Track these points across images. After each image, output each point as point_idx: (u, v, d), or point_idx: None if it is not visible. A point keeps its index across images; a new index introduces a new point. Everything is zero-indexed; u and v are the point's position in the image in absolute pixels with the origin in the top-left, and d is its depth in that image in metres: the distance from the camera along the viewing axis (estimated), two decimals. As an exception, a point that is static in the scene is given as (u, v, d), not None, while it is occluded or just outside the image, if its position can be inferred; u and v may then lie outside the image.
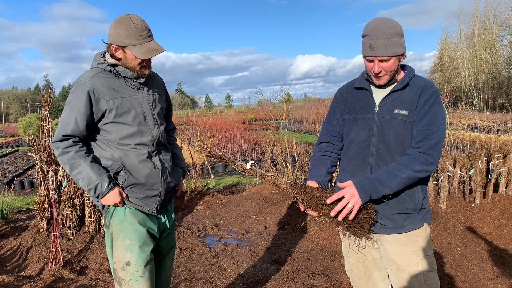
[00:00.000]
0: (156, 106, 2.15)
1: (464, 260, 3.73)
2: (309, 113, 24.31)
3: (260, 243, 4.43)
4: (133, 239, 2.05)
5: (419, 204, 1.89)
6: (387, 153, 1.86)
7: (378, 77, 1.84)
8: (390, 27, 1.76)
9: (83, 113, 1.96)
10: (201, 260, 3.96)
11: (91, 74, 2.00)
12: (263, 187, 6.52)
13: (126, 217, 2.07)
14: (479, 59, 40.54)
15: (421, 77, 1.93)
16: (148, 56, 1.96)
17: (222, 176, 9.51)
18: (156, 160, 2.12)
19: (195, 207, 6.09)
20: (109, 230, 2.10)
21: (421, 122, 1.81)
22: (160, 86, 2.25)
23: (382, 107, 1.89)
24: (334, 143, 2.09)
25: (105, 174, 1.98)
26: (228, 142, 12.92)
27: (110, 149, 2.05)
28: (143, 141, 2.06)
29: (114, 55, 2.01)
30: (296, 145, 9.76)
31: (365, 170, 1.91)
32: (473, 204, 4.58)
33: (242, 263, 3.86)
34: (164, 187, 2.14)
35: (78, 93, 1.97)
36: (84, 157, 1.97)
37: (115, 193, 2.00)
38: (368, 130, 1.90)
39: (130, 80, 2.07)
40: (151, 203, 2.12)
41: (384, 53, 1.75)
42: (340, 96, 2.09)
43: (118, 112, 2.00)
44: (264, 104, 8.77)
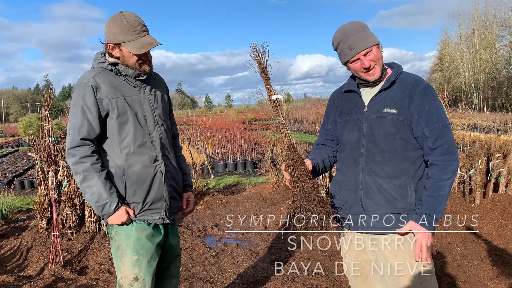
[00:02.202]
0: (158, 107, 2.10)
1: (464, 260, 3.73)
2: (309, 113, 24.33)
3: (260, 243, 4.43)
4: (141, 255, 2.02)
5: (412, 203, 1.84)
6: (377, 152, 1.86)
7: (370, 71, 1.84)
8: (355, 25, 1.82)
9: (94, 113, 1.93)
10: (201, 260, 3.96)
11: (93, 74, 1.97)
12: (263, 187, 6.52)
13: (133, 232, 2.02)
14: (479, 59, 40.52)
15: (408, 73, 1.93)
16: (142, 51, 1.92)
17: (222, 176, 9.51)
18: (160, 164, 2.06)
19: (195, 207, 6.09)
20: (115, 243, 2.05)
21: (430, 120, 1.79)
22: (161, 86, 2.21)
23: (372, 107, 1.89)
24: (330, 145, 2.11)
25: (115, 194, 1.94)
26: (228, 142, 12.91)
27: (113, 153, 2.00)
28: (145, 144, 2.02)
29: (112, 54, 1.98)
30: (296, 144, 9.76)
31: (355, 170, 1.92)
32: (473, 204, 4.58)
33: (242, 263, 3.86)
34: (167, 191, 2.09)
35: (84, 93, 1.93)
36: (98, 172, 1.92)
37: (122, 211, 1.96)
38: (358, 130, 1.91)
39: (132, 79, 2.03)
40: (159, 210, 2.07)
41: (365, 45, 1.79)
42: (332, 101, 2.12)
43: (119, 112, 1.96)
44: (264, 104, 8.78)
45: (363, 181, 1.90)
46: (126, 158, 1.98)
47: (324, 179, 5.15)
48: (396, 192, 1.84)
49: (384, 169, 1.85)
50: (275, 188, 6.21)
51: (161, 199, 2.07)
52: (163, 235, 2.14)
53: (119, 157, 1.98)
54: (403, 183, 1.84)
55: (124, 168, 1.98)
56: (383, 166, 1.85)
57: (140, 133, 2.00)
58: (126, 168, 1.98)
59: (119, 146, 1.98)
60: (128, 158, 1.98)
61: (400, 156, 1.84)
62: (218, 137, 13.59)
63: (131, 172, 1.98)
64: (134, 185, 1.99)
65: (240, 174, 9.76)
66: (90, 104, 1.92)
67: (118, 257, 2.05)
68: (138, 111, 2.01)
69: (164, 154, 2.09)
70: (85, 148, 1.92)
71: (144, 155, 2.01)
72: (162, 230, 2.14)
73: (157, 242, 2.09)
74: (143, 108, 2.03)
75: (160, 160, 2.06)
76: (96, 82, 1.94)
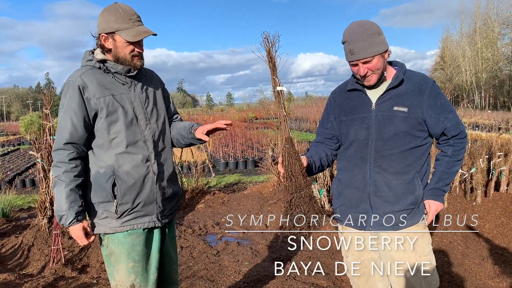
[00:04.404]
0: (149, 105, 2.03)
1: (465, 259, 3.73)
2: (310, 111, 24.29)
3: (261, 242, 4.44)
4: (137, 261, 1.96)
5: (420, 197, 1.92)
6: (387, 149, 1.88)
7: (366, 78, 1.86)
8: (365, 29, 1.79)
9: (79, 114, 1.87)
10: (202, 259, 3.96)
11: (80, 73, 1.91)
12: (264, 185, 6.52)
13: (126, 239, 1.96)
14: (481, 57, 40.41)
15: (413, 72, 1.96)
16: (138, 38, 1.88)
17: (223, 175, 9.51)
18: (153, 164, 1.99)
19: (196, 205, 6.09)
20: (106, 250, 1.99)
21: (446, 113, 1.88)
22: (154, 82, 2.13)
23: (380, 105, 1.90)
24: (329, 144, 2.10)
25: (76, 208, 1.86)
26: (229, 140, 12.90)
27: (103, 152, 1.93)
28: (136, 143, 1.95)
29: (104, 45, 1.92)
30: (297, 143, 9.75)
31: (364, 168, 1.93)
32: (474, 202, 4.57)
33: (243, 262, 3.86)
34: (159, 193, 2.01)
35: (70, 94, 1.88)
36: (68, 180, 1.86)
37: (77, 228, 1.88)
38: (367, 129, 1.91)
39: (121, 76, 1.97)
40: (150, 213, 1.99)
41: (365, 55, 1.78)
42: (333, 99, 2.11)
43: (109, 111, 1.90)
44: (265, 102, 8.76)
45: (372, 178, 1.91)
46: (117, 157, 1.92)
47: (325, 177, 5.14)
48: (405, 187, 1.89)
49: (393, 165, 1.88)
50: (276, 187, 6.21)
51: (153, 201, 1.99)
52: (160, 239, 2.07)
53: (109, 157, 1.93)
54: (411, 178, 1.89)
55: (114, 168, 1.92)
56: (392, 163, 1.88)
57: (131, 132, 1.94)
58: (116, 167, 1.92)
59: (110, 146, 1.93)
60: (118, 157, 1.92)
61: (408, 153, 1.88)
62: (219, 135, 13.59)
63: (122, 172, 1.92)
64: (124, 185, 1.92)
65: (241, 173, 9.76)
66: (75, 105, 1.87)
67: (111, 264, 1.99)
68: (128, 110, 1.95)
69: (157, 154, 2.03)
70: (65, 153, 1.87)
71: (135, 155, 1.95)
72: (158, 234, 2.06)
73: (154, 247, 2.03)
74: (133, 106, 1.97)
75: (153, 160, 1.99)
76: (83, 81, 1.89)
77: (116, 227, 1.96)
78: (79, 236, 1.90)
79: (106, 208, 1.95)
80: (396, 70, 1.93)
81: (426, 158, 1.95)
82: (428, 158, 1.96)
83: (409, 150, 1.88)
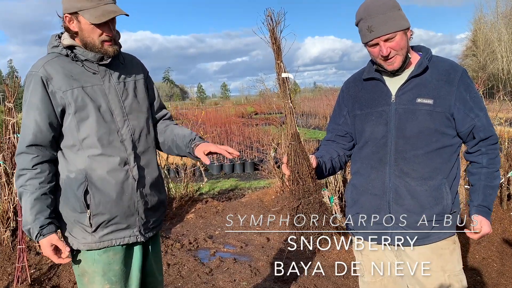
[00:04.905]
0: (128, 97, 1.98)
1: (501, 278, 3.73)
2: (319, 105, 24.30)
3: (261, 258, 4.44)
4: (114, 282, 1.95)
5: (448, 207, 1.87)
6: (410, 149, 1.86)
7: (389, 60, 1.84)
8: (383, 2, 1.79)
9: (42, 111, 1.84)
10: (193, 278, 3.97)
11: (44, 62, 1.88)
12: (265, 192, 6.53)
13: (102, 257, 1.93)
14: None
15: (440, 58, 1.95)
16: (103, 19, 1.80)
17: (217, 180, 9.53)
18: (133, 168, 1.95)
19: (185, 215, 6.10)
20: (78, 269, 1.98)
21: (477, 110, 1.86)
22: (135, 71, 2.08)
23: (400, 96, 1.89)
24: (341, 143, 2.09)
25: (41, 219, 1.83)
26: (224, 139, 12.92)
27: (73, 155, 1.91)
28: (111, 143, 1.92)
29: (69, 28, 1.88)
30: (305, 142, 9.77)
31: (382, 172, 1.91)
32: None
33: (240, 281, 3.87)
34: (141, 202, 1.97)
35: (32, 88, 1.85)
36: (33, 189, 1.83)
37: (45, 243, 1.84)
38: (385, 125, 1.90)
39: (93, 65, 1.92)
40: (130, 226, 1.96)
41: (387, 30, 1.77)
42: (347, 90, 2.10)
43: (77, 106, 1.86)
44: (267, 94, 8.72)
45: (393, 184, 1.90)
46: (89, 160, 1.89)
47: (338, 182, 5.15)
48: (430, 195, 1.86)
49: (417, 169, 1.86)
50: (280, 194, 6.22)
51: (134, 212, 1.96)
52: (141, 256, 2.05)
53: (81, 160, 1.89)
54: (438, 185, 1.86)
55: (86, 172, 1.88)
56: (416, 165, 1.86)
57: (105, 131, 1.90)
58: (89, 172, 1.88)
59: (80, 147, 1.89)
60: (91, 160, 1.89)
61: (435, 154, 1.86)
62: (213, 133, 13.60)
63: (95, 177, 1.88)
64: (98, 193, 1.88)
65: (238, 177, 9.78)
66: (38, 101, 1.84)
67: (84, 286, 1.98)
68: (101, 104, 1.90)
69: (137, 156, 1.99)
70: (29, 157, 1.85)
71: (111, 157, 1.91)
72: (139, 250, 2.04)
73: (135, 265, 2.02)
74: (108, 99, 1.92)
75: (132, 163, 1.95)
76: (47, 72, 1.85)
77: (91, 243, 1.93)
78: (47, 253, 1.87)
79: (78, 220, 1.92)
80: (420, 56, 1.92)
81: (455, 160, 1.92)
82: (457, 161, 1.93)
83: (436, 150, 1.86)
